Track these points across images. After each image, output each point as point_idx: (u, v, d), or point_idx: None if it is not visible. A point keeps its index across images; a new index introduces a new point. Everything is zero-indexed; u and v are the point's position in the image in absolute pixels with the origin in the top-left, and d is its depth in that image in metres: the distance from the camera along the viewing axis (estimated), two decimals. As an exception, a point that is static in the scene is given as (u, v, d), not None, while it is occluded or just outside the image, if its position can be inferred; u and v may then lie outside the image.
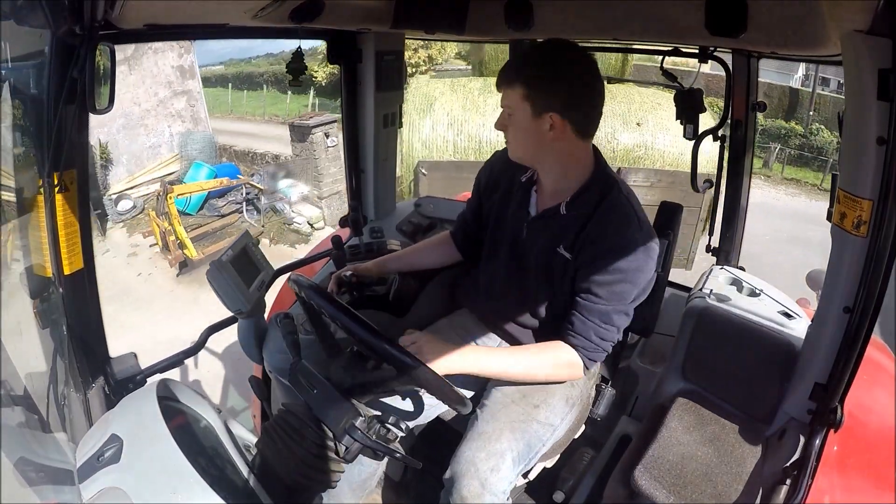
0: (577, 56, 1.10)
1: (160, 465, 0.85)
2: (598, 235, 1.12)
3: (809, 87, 13.91)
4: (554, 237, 1.18)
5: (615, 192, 1.15)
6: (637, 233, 1.10)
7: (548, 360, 1.16)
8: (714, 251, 2.10)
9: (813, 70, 11.05)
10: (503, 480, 1.12)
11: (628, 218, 1.12)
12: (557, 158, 1.15)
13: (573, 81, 1.08)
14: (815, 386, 1.14)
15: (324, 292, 1.03)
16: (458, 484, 1.12)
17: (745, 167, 1.98)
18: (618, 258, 1.09)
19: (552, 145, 1.12)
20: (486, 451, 1.14)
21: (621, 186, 1.17)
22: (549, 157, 1.15)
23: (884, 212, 0.91)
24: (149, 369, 1.30)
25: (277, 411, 1.00)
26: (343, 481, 1.02)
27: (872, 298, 0.96)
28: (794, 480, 1.06)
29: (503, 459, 1.13)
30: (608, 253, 1.09)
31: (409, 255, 1.52)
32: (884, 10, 0.80)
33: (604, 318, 1.13)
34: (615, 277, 1.10)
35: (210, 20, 1.22)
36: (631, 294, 1.12)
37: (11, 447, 0.81)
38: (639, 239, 1.10)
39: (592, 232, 1.13)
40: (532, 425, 1.21)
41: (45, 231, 1.06)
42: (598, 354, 1.16)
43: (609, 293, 1.11)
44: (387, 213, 2.08)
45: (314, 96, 16.23)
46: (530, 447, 1.19)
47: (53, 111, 0.98)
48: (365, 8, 1.44)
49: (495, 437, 1.16)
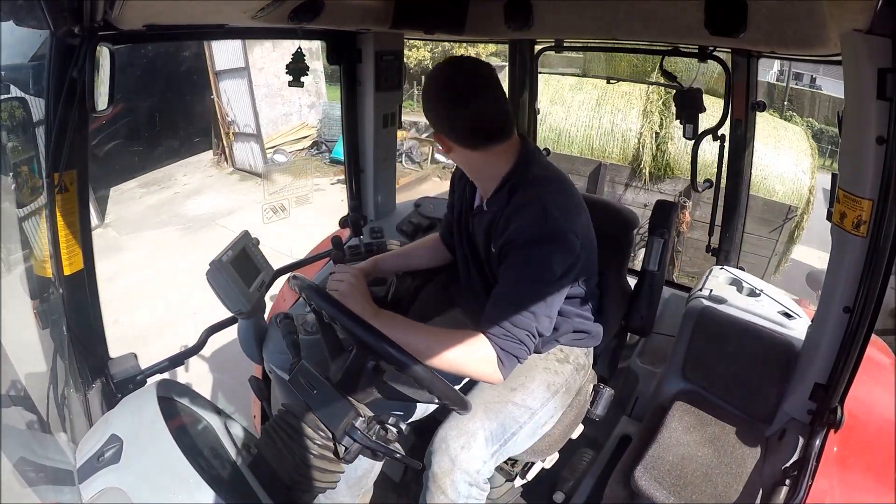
0: (433, 74, 1.14)
1: (160, 465, 0.85)
2: (505, 227, 1.14)
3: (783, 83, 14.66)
4: (485, 232, 1.23)
5: (525, 187, 1.16)
6: (542, 222, 1.09)
7: (460, 351, 1.06)
8: (714, 251, 2.10)
9: (787, 66, 11.39)
10: (475, 459, 1.13)
11: (534, 209, 1.11)
12: (479, 166, 1.21)
13: (429, 101, 1.14)
14: (815, 386, 1.14)
15: (324, 292, 1.03)
16: (431, 461, 1.14)
17: (745, 167, 1.97)
18: (525, 245, 1.09)
19: (464, 158, 1.18)
20: (457, 429, 1.15)
21: (534, 182, 1.16)
22: (471, 167, 1.23)
23: (884, 212, 0.91)
24: (149, 369, 1.30)
25: (277, 411, 1.00)
26: (340, 480, 1.02)
27: (872, 298, 0.96)
28: (794, 481, 1.05)
29: (474, 438, 1.14)
30: (514, 242, 1.10)
31: (403, 255, 1.53)
32: (883, 9, 0.80)
33: (517, 306, 1.06)
34: (525, 268, 1.09)
35: (210, 20, 1.22)
36: (547, 279, 1.09)
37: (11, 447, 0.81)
38: (544, 228, 1.09)
39: (501, 225, 1.16)
40: (507, 406, 1.21)
41: (45, 231, 1.06)
42: (512, 345, 1.05)
43: (521, 282, 1.08)
44: (387, 213, 2.08)
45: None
46: (504, 428, 1.19)
47: (53, 111, 0.98)
48: (364, 8, 1.44)
49: (468, 416, 1.15)
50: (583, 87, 6.55)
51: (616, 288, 1.44)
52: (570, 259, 1.11)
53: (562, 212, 1.12)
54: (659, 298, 1.49)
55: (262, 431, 0.98)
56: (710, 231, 2.18)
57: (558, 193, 1.16)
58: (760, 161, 5.77)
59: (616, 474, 1.30)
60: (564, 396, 1.31)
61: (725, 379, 1.41)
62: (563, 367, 1.31)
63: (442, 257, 1.51)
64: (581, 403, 1.37)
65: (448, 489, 1.11)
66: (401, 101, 1.98)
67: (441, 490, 1.11)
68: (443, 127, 1.13)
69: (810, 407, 1.15)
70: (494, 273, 1.22)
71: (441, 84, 1.13)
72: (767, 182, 5.79)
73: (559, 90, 6.60)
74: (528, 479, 1.42)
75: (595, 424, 1.46)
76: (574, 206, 1.18)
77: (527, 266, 1.09)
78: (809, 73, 11.37)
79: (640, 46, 1.98)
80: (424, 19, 1.51)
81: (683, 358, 1.48)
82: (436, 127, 1.14)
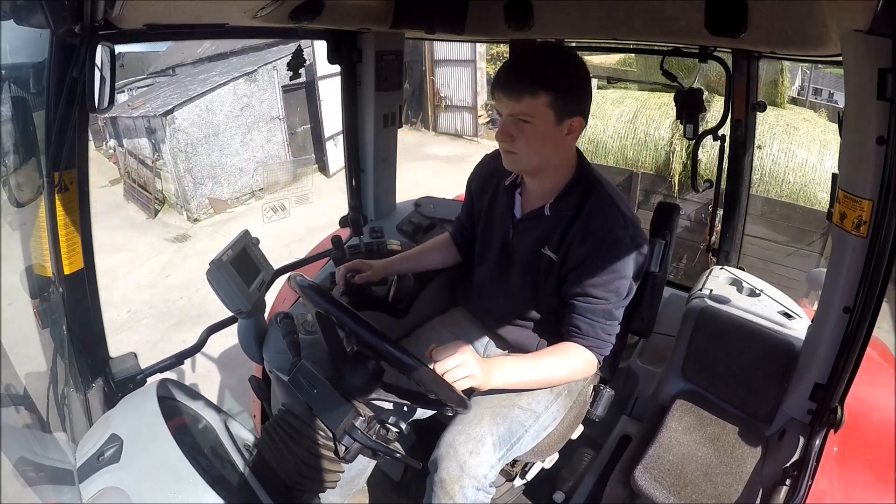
0: (579, 58, 1.12)
1: (160, 464, 0.85)
2: (585, 235, 1.13)
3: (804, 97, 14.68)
4: (539, 238, 1.21)
5: (598, 190, 1.16)
6: (623, 229, 1.12)
7: (566, 362, 1.17)
8: (714, 251, 2.10)
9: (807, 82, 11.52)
10: (483, 464, 1.13)
11: (613, 216, 1.13)
12: (560, 163, 1.17)
13: (588, 83, 1.12)
14: (815, 386, 1.14)
15: (324, 292, 1.03)
16: (438, 466, 1.13)
17: (745, 167, 1.98)
18: (608, 256, 1.10)
19: (562, 150, 1.13)
20: (465, 434, 1.15)
21: (604, 185, 1.18)
22: (554, 161, 1.15)
23: (884, 212, 0.90)
24: (149, 369, 1.30)
25: (277, 411, 1.00)
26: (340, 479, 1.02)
27: (872, 298, 0.96)
28: (794, 481, 1.05)
29: (482, 443, 1.14)
30: (598, 252, 1.11)
31: (415, 257, 1.53)
32: (883, 9, 0.80)
33: (606, 316, 1.15)
34: (609, 276, 1.12)
35: (210, 20, 1.22)
36: (625, 288, 1.14)
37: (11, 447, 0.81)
38: (626, 235, 1.11)
39: (578, 232, 1.14)
40: (514, 410, 1.22)
41: (45, 231, 1.06)
42: (606, 348, 1.19)
43: (606, 291, 1.13)
44: (387, 213, 2.08)
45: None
46: (511, 432, 1.20)
47: (53, 111, 0.98)
48: (365, 8, 1.44)
49: (476, 421, 1.17)
50: (624, 100, 6.58)
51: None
52: (644, 261, 1.15)
53: (631, 212, 1.17)
54: (660, 300, 1.49)
55: (262, 431, 0.98)
56: (709, 231, 2.19)
57: (619, 195, 1.19)
58: (800, 167, 5.60)
59: (616, 474, 1.30)
60: (567, 398, 1.32)
61: (725, 379, 1.41)
62: None
63: (453, 258, 1.52)
64: (581, 404, 1.38)
65: (456, 495, 1.11)
66: (401, 100, 1.98)
67: (449, 496, 1.11)
68: (589, 111, 1.13)
69: (810, 407, 1.15)
70: (535, 278, 1.23)
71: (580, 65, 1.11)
72: (808, 189, 5.51)
73: (601, 104, 6.66)
74: (529, 479, 1.42)
75: (595, 424, 1.46)
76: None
77: (611, 274, 1.12)
78: (828, 89, 11.72)
79: (641, 46, 1.97)
80: (425, 19, 1.50)
81: (683, 358, 1.48)
82: (585, 110, 1.11)
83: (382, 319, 1.53)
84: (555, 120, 1.07)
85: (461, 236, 1.48)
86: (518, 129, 1.08)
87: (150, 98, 11.01)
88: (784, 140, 5.83)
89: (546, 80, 1.05)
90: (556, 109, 1.06)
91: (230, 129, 9.57)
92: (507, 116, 1.09)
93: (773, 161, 5.76)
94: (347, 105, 1.88)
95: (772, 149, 5.80)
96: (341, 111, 1.92)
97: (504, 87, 1.07)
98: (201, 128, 9.29)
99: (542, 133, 1.08)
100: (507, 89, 1.07)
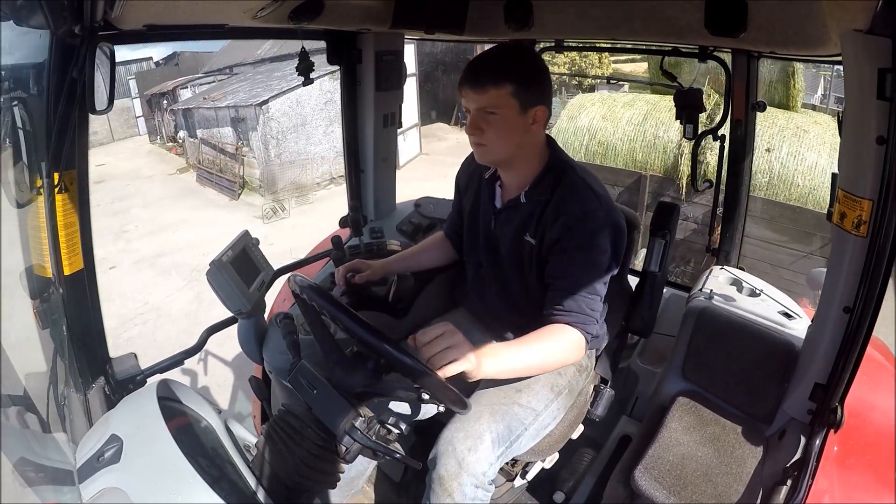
0: (537, 53, 1.22)
1: (160, 465, 0.85)
2: (558, 215, 1.16)
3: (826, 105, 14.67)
4: (518, 226, 1.24)
5: (569, 174, 1.20)
6: (594, 202, 1.15)
7: (556, 345, 1.13)
8: (714, 251, 2.10)
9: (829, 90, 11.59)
10: (481, 461, 1.13)
11: (585, 194, 1.16)
12: (528, 152, 1.21)
13: (548, 76, 1.17)
14: (815, 386, 1.14)
15: (324, 293, 1.03)
16: (437, 463, 1.13)
17: (745, 167, 1.98)
18: (583, 229, 1.13)
19: (529, 140, 1.18)
20: (464, 431, 1.15)
21: (576, 169, 1.22)
22: (523, 151, 1.20)
23: (884, 212, 0.90)
24: (149, 369, 1.30)
25: (277, 412, 1.00)
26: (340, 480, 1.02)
27: (872, 298, 0.96)
28: (795, 481, 1.05)
29: (481, 440, 1.14)
30: (572, 226, 1.13)
31: (413, 256, 1.53)
32: (883, 9, 0.80)
33: (588, 290, 1.15)
34: (587, 251, 1.14)
35: (210, 20, 1.22)
36: (604, 262, 1.15)
37: (11, 447, 0.81)
38: (598, 208, 1.14)
39: (551, 213, 1.17)
40: (513, 408, 1.22)
41: (45, 231, 1.06)
42: (592, 325, 1.16)
43: (585, 265, 1.14)
44: (387, 213, 2.08)
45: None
46: (510, 430, 1.19)
47: (53, 111, 0.98)
48: (364, 8, 1.44)
49: (475, 418, 1.17)
50: (634, 103, 6.69)
51: (617, 288, 1.44)
52: (622, 239, 1.16)
53: (605, 192, 1.19)
54: (660, 299, 1.49)
55: (263, 431, 0.98)
56: (710, 231, 2.19)
57: (593, 177, 1.22)
58: (810, 170, 5.56)
59: (616, 474, 1.30)
60: (567, 398, 1.32)
61: (725, 379, 1.41)
62: (567, 368, 1.31)
63: (450, 256, 1.53)
64: (582, 404, 1.37)
65: (455, 492, 1.11)
66: (401, 101, 1.98)
67: (447, 493, 1.11)
68: (550, 101, 1.19)
69: (810, 407, 1.15)
70: (521, 267, 1.25)
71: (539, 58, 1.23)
72: (817, 193, 5.47)
73: (612, 107, 6.81)
74: (529, 479, 1.42)
75: (595, 424, 1.46)
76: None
77: (587, 250, 1.13)
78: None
79: (640, 47, 1.98)
80: (424, 19, 1.51)
81: (683, 358, 1.48)
82: (546, 99, 1.17)
83: (382, 319, 1.53)
84: (519, 110, 1.12)
85: (455, 233, 1.50)
86: (486, 121, 1.14)
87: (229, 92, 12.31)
88: (794, 143, 5.79)
89: (508, 72, 1.11)
90: (519, 99, 1.11)
91: (315, 120, 11.01)
92: (475, 110, 1.14)
93: (782, 164, 5.75)
94: (347, 105, 1.89)
95: (781, 152, 5.78)
96: (341, 111, 1.92)
97: (469, 82, 1.13)
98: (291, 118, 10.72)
99: (508, 123, 1.13)
100: (473, 83, 1.13)
